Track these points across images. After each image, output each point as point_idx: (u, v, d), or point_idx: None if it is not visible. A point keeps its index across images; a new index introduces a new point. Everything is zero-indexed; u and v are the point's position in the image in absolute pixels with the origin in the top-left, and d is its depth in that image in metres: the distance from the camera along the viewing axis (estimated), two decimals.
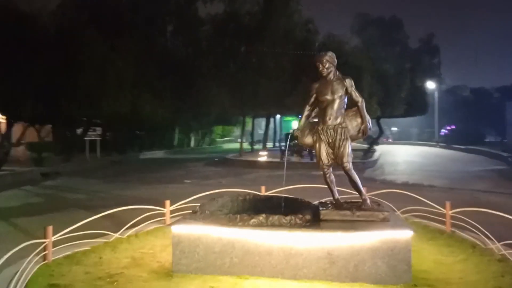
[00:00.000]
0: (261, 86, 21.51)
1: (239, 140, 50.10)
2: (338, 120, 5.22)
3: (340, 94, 5.19)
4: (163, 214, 7.13)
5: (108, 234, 6.14)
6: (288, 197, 5.86)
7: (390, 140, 49.54)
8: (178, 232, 4.84)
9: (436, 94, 39.72)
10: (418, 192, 7.89)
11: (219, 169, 20.60)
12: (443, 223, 6.65)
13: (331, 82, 5.25)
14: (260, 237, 4.63)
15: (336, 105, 5.19)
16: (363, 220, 4.85)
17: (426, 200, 7.16)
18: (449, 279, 4.57)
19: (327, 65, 5.26)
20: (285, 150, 23.92)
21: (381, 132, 28.17)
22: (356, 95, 5.26)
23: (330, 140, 5.21)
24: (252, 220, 4.68)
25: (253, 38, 22.23)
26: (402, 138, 50.26)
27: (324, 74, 5.29)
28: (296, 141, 5.63)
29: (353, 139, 5.33)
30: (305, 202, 5.64)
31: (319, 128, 5.28)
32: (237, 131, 50.24)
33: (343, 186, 6.07)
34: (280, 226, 4.63)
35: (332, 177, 5.38)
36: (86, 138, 23.62)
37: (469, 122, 41.24)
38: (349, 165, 5.16)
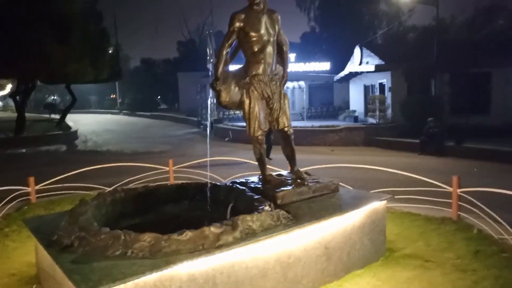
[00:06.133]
0: None
1: None
2: (276, 69, 3.87)
3: (275, 32, 3.82)
4: None
5: None
6: (193, 183, 3.94)
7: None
8: None
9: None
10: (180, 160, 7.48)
11: None
12: None
13: (262, 14, 3.75)
14: (251, 255, 2.81)
15: (272, 48, 3.80)
16: (318, 195, 3.90)
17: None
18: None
19: None
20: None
21: (74, 99, 24.88)
22: (285, 37, 4.05)
23: (270, 96, 3.80)
24: (240, 230, 2.75)
25: None
26: (78, 107, 46.72)
27: (257, 1, 3.70)
28: (217, 101, 3.72)
29: None
30: (222, 186, 3.95)
31: (253, 80, 3.73)
32: None
33: None
34: (274, 229, 2.97)
35: (265, 147, 3.99)
36: None
37: (143, 90, 43.27)
38: (292, 129, 3.97)
